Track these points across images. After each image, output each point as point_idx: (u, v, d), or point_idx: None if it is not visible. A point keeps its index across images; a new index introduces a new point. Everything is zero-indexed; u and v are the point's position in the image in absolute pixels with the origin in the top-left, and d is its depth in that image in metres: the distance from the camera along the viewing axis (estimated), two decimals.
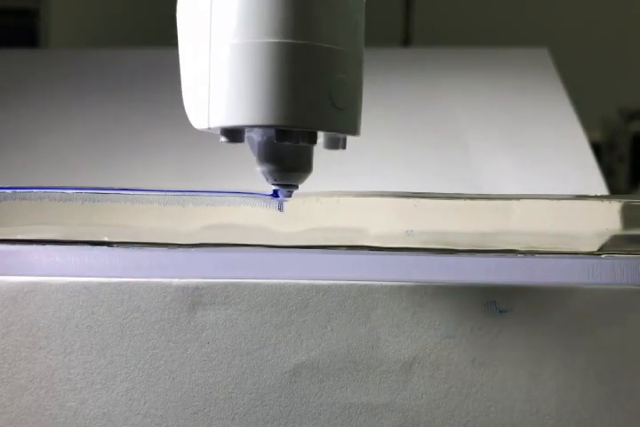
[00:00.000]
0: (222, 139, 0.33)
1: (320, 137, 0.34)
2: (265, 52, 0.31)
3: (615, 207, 0.36)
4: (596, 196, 0.37)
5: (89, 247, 0.36)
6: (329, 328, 0.35)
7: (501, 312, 0.35)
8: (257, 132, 0.33)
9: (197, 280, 0.35)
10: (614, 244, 0.36)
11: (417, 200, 0.36)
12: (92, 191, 0.36)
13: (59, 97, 0.76)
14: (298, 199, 0.36)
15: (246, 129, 0.33)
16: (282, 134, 0.32)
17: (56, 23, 1.50)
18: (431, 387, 0.35)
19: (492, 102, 0.74)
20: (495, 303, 0.35)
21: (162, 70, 0.78)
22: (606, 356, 0.35)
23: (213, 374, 0.35)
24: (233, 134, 0.33)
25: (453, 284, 0.35)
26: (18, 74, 0.81)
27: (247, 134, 0.33)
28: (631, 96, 1.41)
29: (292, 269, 0.35)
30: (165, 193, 0.36)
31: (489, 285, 0.35)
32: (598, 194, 0.37)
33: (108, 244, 0.36)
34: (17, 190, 0.36)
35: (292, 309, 0.35)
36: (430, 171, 0.64)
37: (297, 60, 0.31)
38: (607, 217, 0.36)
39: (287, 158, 0.34)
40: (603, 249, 0.36)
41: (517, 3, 1.70)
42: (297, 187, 0.35)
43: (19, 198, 0.36)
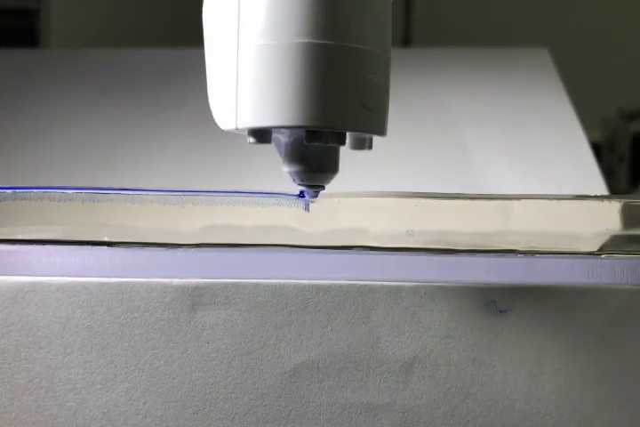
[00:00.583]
0: (250, 140, 0.33)
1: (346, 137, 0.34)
2: (296, 53, 0.31)
3: (615, 207, 0.36)
4: (596, 196, 0.37)
5: (89, 247, 0.36)
6: (329, 328, 0.35)
7: (501, 312, 0.35)
8: (284, 132, 0.33)
9: (197, 280, 0.35)
10: (614, 244, 0.36)
11: (417, 200, 0.36)
12: (92, 191, 0.36)
13: (59, 97, 0.76)
14: None
15: (273, 130, 0.33)
16: (312, 135, 0.32)
17: (56, 23, 1.50)
18: (431, 387, 0.35)
19: (492, 102, 0.74)
20: (495, 303, 0.35)
21: (162, 70, 0.78)
22: (606, 356, 0.35)
23: (213, 374, 0.35)
24: (261, 135, 0.33)
25: (453, 284, 0.35)
26: (18, 74, 0.81)
27: (274, 135, 0.33)
28: (631, 96, 1.41)
29: (292, 269, 0.35)
30: (165, 193, 0.36)
31: (489, 285, 0.35)
32: (598, 194, 0.37)
33: (108, 244, 0.36)
34: (17, 190, 0.36)
35: (292, 309, 0.35)
36: (430, 171, 0.64)
37: (328, 61, 0.31)
38: (607, 217, 0.36)
39: (315, 159, 0.34)
40: (603, 249, 0.36)
41: (517, 3, 1.70)
42: (323, 187, 0.35)
43: (19, 198, 0.36)
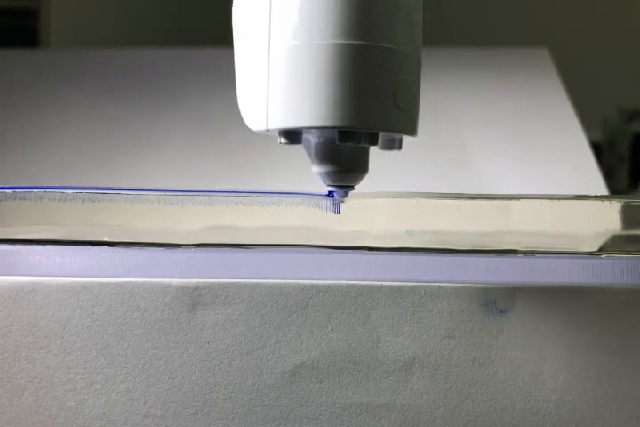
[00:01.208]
0: (282, 140, 0.33)
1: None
2: (331, 54, 0.31)
3: (615, 207, 0.36)
4: (596, 196, 0.37)
5: (89, 247, 0.36)
6: (329, 328, 0.35)
7: (501, 312, 0.35)
8: (314, 133, 0.33)
9: (197, 280, 0.35)
10: (614, 244, 0.36)
11: (417, 200, 0.36)
12: (92, 191, 0.36)
13: (59, 97, 0.76)
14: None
15: (304, 130, 0.33)
16: (345, 135, 0.32)
17: (56, 23, 1.50)
18: (431, 387, 0.35)
19: (492, 102, 0.74)
20: (495, 303, 0.35)
21: (162, 70, 0.78)
22: (606, 356, 0.35)
23: (213, 374, 0.35)
24: (292, 136, 0.33)
25: (453, 284, 0.35)
26: (18, 74, 0.81)
27: (303, 136, 0.33)
28: (631, 96, 1.41)
29: (292, 269, 0.35)
30: (165, 193, 0.36)
31: (489, 285, 0.35)
32: (598, 194, 0.37)
33: (108, 244, 0.36)
34: (17, 190, 0.36)
35: (292, 309, 0.35)
36: (430, 170, 0.64)
37: (362, 61, 0.31)
38: (607, 217, 0.36)
39: (346, 159, 0.34)
40: (603, 249, 0.36)
41: (517, 3, 1.70)
42: (353, 188, 0.35)
43: (19, 198, 0.36)
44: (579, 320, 0.35)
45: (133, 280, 0.35)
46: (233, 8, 0.34)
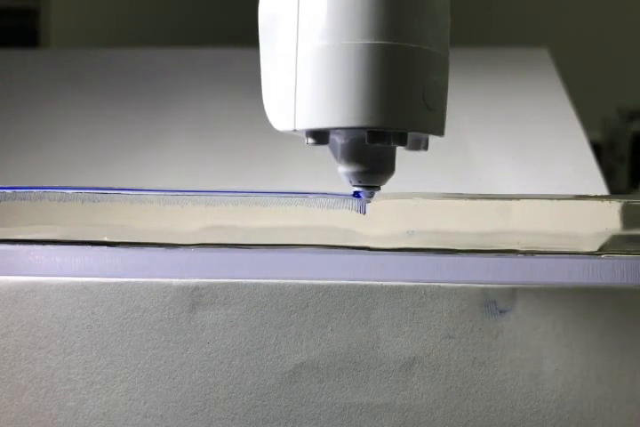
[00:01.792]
0: (309, 141, 0.32)
1: None
2: (360, 54, 0.31)
3: (615, 207, 0.36)
4: (596, 196, 0.37)
5: (89, 247, 0.36)
6: (329, 328, 0.35)
7: (501, 312, 0.35)
8: (340, 133, 0.33)
9: (197, 280, 0.35)
10: (614, 244, 0.36)
11: (417, 200, 0.36)
12: (92, 191, 0.36)
13: (59, 97, 0.76)
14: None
15: (330, 131, 0.33)
16: (374, 136, 0.32)
17: (56, 23, 1.50)
18: (431, 387, 0.35)
19: (492, 102, 0.74)
20: (495, 303, 0.35)
21: (162, 70, 0.78)
22: (606, 356, 0.35)
23: (213, 374, 0.35)
24: (320, 136, 0.32)
25: (453, 284, 0.35)
26: (18, 74, 0.81)
27: (330, 136, 0.33)
28: (631, 96, 1.41)
29: (292, 269, 0.35)
30: (165, 193, 0.36)
31: (489, 285, 0.35)
32: (598, 194, 0.37)
33: (108, 244, 0.36)
34: (17, 190, 0.36)
35: (292, 309, 0.35)
36: (429, 170, 0.64)
37: (393, 62, 0.31)
38: (607, 217, 0.36)
39: (373, 160, 0.34)
40: (603, 249, 0.36)
41: (517, 3, 1.70)
42: (379, 188, 0.35)
43: (19, 198, 0.36)
44: (579, 320, 0.35)
45: (133, 280, 0.35)
46: (259, 8, 0.33)
